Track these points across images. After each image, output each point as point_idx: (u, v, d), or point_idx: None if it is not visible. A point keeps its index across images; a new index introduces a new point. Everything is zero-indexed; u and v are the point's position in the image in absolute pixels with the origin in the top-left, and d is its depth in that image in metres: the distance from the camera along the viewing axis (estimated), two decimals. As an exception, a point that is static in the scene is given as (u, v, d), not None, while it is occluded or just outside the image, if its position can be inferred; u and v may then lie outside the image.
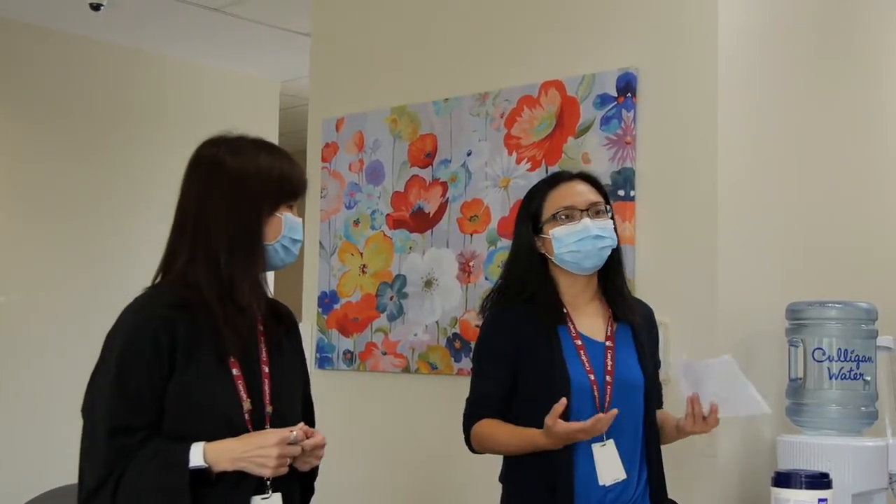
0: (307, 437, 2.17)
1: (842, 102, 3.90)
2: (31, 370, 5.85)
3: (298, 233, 2.31)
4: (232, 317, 2.17)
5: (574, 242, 2.61)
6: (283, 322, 2.36)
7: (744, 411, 2.66)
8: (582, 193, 2.67)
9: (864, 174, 3.99)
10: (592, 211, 2.65)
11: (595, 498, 2.53)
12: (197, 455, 2.07)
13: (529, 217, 2.70)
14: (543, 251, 2.67)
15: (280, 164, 2.29)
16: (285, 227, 2.27)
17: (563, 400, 2.42)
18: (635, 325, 2.69)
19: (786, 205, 3.59)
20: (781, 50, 3.64)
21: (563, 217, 2.63)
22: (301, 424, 2.17)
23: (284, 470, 2.14)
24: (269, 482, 2.16)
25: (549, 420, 2.41)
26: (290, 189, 2.30)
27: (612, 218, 2.71)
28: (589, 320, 2.67)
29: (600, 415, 2.42)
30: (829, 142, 3.82)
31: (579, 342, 2.61)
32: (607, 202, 2.71)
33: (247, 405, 2.17)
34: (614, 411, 2.43)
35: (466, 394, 2.76)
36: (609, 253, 2.66)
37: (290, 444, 2.12)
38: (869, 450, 3.19)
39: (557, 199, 2.67)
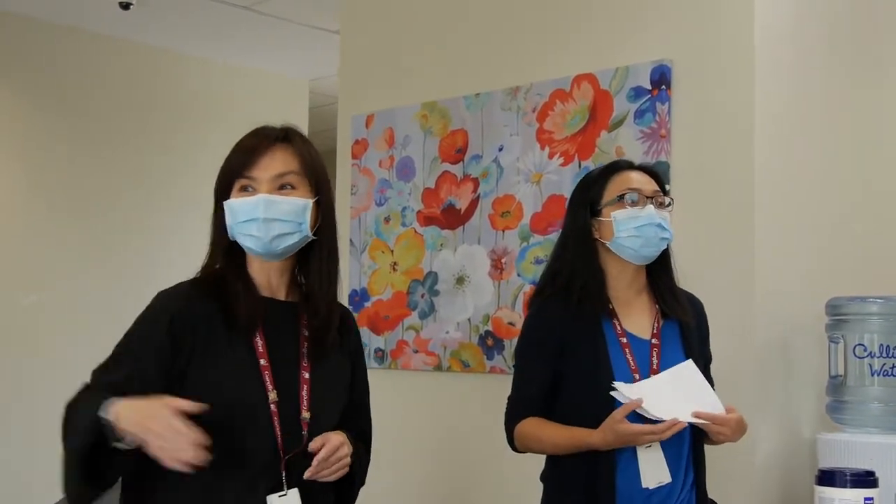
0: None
1: (882, 93, 3.82)
2: (60, 368, 5.82)
3: (246, 213, 2.12)
4: (246, 298, 2.13)
5: (636, 227, 2.52)
6: (330, 330, 2.22)
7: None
8: (646, 182, 2.60)
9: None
10: (656, 201, 2.57)
11: (639, 501, 2.47)
12: (107, 408, 1.94)
13: (587, 200, 2.61)
14: (598, 236, 2.59)
15: (235, 147, 2.18)
16: (227, 215, 2.15)
17: (641, 399, 2.37)
18: (684, 322, 2.61)
19: (824, 198, 3.53)
20: (819, 40, 3.58)
21: (629, 201, 2.55)
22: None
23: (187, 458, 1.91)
24: (283, 475, 2.10)
25: (617, 415, 2.36)
26: (225, 174, 2.17)
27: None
28: (636, 317, 2.59)
29: (677, 420, 2.36)
30: (869, 133, 3.75)
31: (624, 340, 2.54)
32: (666, 196, 2.63)
33: (273, 396, 2.10)
34: (684, 423, 2.38)
35: (499, 392, 2.72)
36: (665, 246, 2.60)
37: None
38: (912, 448, 3.12)
39: (622, 181, 2.59)
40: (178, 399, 1.94)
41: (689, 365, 2.50)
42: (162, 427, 1.89)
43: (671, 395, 2.43)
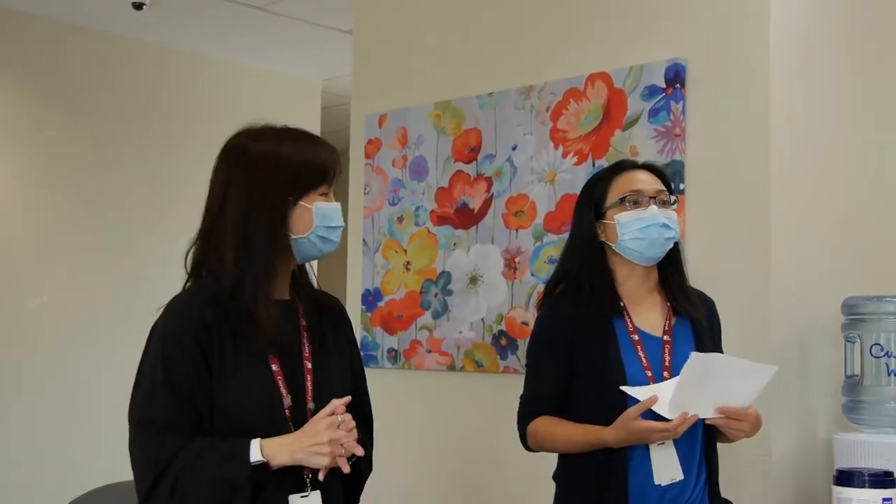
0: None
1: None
2: (71, 369, 5.84)
3: (335, 219, 2.22)
4: (262, 312, 2.12)
5: (639, 229, 2.52)
6: (326, 315, 2.29)
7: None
8: (649, 181, 2.59)
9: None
10: (659, 200, 2.57)
11: (652, 498, 2.47)
12: (255, 450, 2.04)
13: (592, 202, 2.61)
14: (604, 238, 2.60)
15: (304, 150, 2.21)
16: (317, 217, 2.19)
17: (655, 397, 2.36)
18: (695, 319, 2.60)
19: (841, 197, 3.51)
20: (834, 37, 3.56)
21: (630, 203, 2.55)
22: (342, 408, 2.10)
23: (341, 461, 2.07)
24: (308, 479, 2.12)
25: (631, 413, 2.35)
26: (315, 175, 2.20)
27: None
28: (647, 314, 2.59)
29: (687, 415, 2.35)
30: (885, 131, 3.72)
31: (636, 337, 2.53)
32: (671, 194, 2.63)
33: (287, 401, 2.13)
34: (696, 416, 2.37)
35: (512, 392, 2.71)
36: (672, 245, 2.59)
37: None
38: (929, 448, 3.09)
39: (624, 183, 2.59)
40: (328, 417, 2.07)
41: (709, 358, 2.40)
42: (329, 435, 2.05)
43: (695, 389, 2.39)
